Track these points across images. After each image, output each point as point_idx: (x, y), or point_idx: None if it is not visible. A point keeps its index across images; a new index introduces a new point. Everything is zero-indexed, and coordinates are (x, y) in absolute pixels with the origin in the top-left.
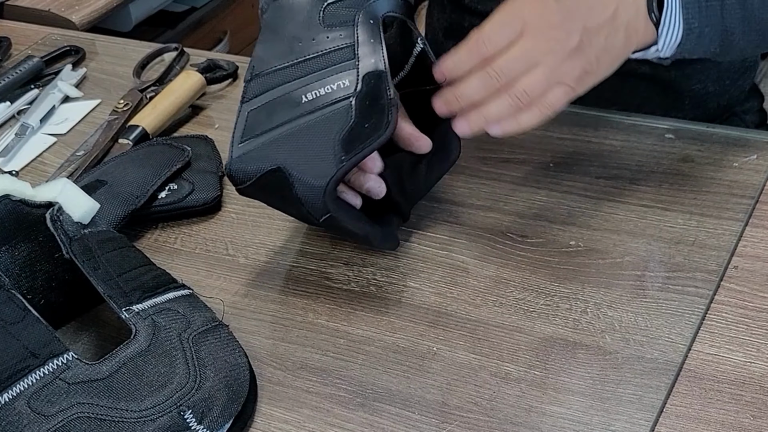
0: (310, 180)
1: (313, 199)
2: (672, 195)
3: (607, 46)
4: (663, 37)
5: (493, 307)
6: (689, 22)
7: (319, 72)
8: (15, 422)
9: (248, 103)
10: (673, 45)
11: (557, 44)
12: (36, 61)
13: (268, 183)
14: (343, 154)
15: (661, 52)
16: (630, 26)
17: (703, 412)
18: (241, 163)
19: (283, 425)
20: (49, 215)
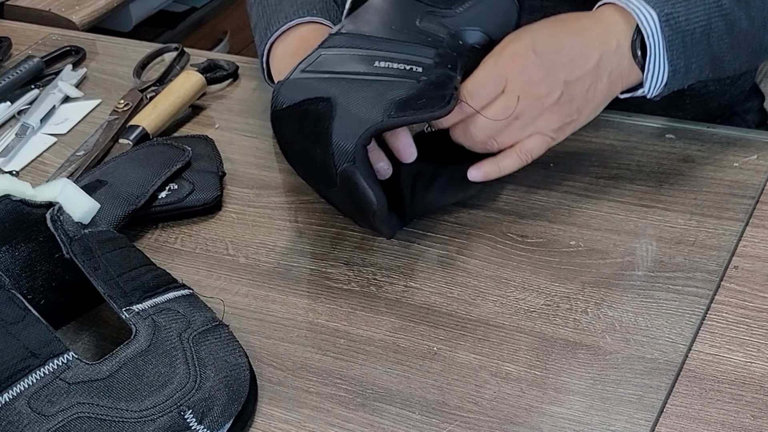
0: (353, 118)
1: (348, 137)
2: (672, 195)
3: (588, 96)
4: (648, 80)
5: (494, 307)
6: (674, 62)
7: (401, 53)
8: (15, 422)
9: (326, 49)
10: (660, 85)
11: (537, 100)
12: (36, 61)
13: (309, 111)
14: (393, 112)
15: (649, 93)
16: (614, 73)
17: (704, 412)
18: (291, 87)
19: (284, 425)
20: (50, 215)
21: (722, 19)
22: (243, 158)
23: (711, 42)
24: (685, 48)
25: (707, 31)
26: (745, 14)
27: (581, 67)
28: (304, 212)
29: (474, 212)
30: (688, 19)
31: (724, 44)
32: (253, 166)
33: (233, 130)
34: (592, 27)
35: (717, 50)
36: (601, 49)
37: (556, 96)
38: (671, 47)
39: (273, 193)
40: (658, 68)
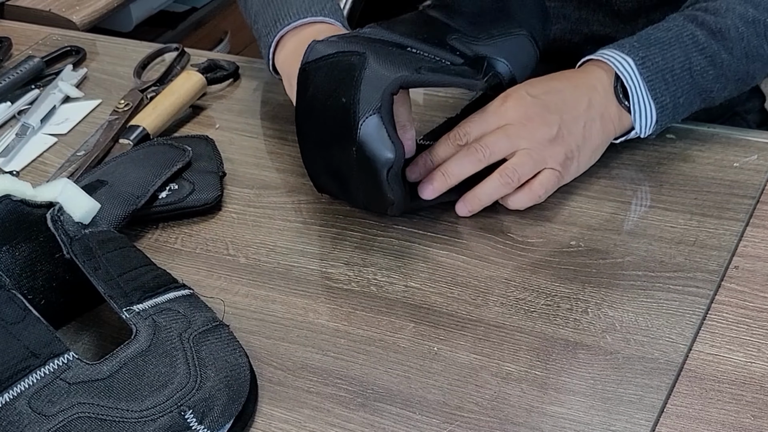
0: (383, 72)
1: (376, 87)
2: (673, 195)
3: (585, 135)
4: (638, 121)
5: (494, 307)
6: (659, 99)
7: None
8: (15, 422)
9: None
10: (651, 124)
11: (538, 132)
12: (36, 61)
13: (341, 61)
14: (425, 72)
15: (642, 133)
16: (605, 116)
17: (704, 412)
18: (326, 44)
19: (284, 425)
20: (50, 215)
21: (700, 54)
22: (243, 158)
23: (694, 76)
24: (668, 85)
25: (687, 67)
26: (723, 47)
27: (574, 107)
28: (304, 212)
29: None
30: (664, 59)
31: (709, 77)
32: (253, 166)
33: (233, 130)
34: (577, 77)
35: (703, 83)
36: (589, 94)
37: (554, 130)
38: (653, 87)
39: (273, 193)
40: (645, 108)
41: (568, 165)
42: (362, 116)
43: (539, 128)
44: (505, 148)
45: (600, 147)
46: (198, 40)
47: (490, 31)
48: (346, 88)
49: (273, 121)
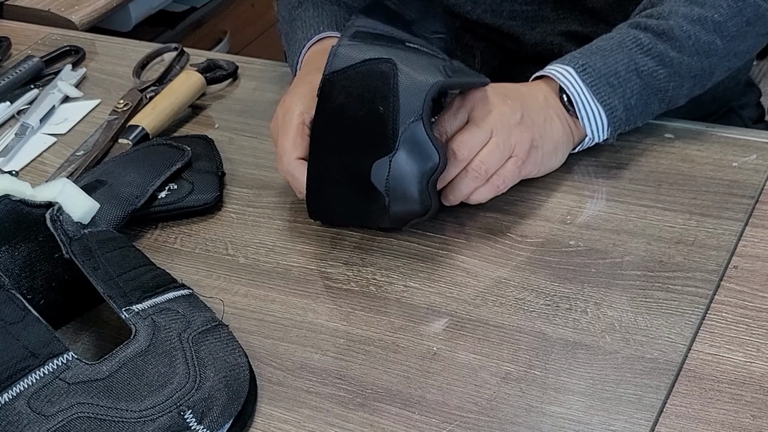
0: (416, 77)
1: (415, 94)
2: (672, 195)
3: (546, 128)
4: (588, 127)
5: (493, 307)
6: (607, 103)
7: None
8: (15, 422)
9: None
10: (603, 128)
11: (503, 117)
12: (36, 61)
13: (373, 70)
14: (450, 74)
15: (596, 138)
16: (561, 117)
17: (703, 412)
18: (349, 49)
19: (283, 425)
20: (49, 215)
21: (646, 56)
22: (243, 158)
23: (643, 77)
24: (614, 88)
25: (633, 68)
26: (670, 47)
27: (532, 100)
28: (304, 212)
29: (474, 212)
30: (606, 64)
31: (660, 76)
32: (253, 166)
33: (233, 130)
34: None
35: (655, 83)
36: (543, 94)
37: (518, 116)
38: (597, 90)
39: (273, 193)
40: (592, 113)
41: (533, 153)
42: (402, 124)
43: (504, 111)
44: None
45: (561, 146)
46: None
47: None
48: (383, 97)
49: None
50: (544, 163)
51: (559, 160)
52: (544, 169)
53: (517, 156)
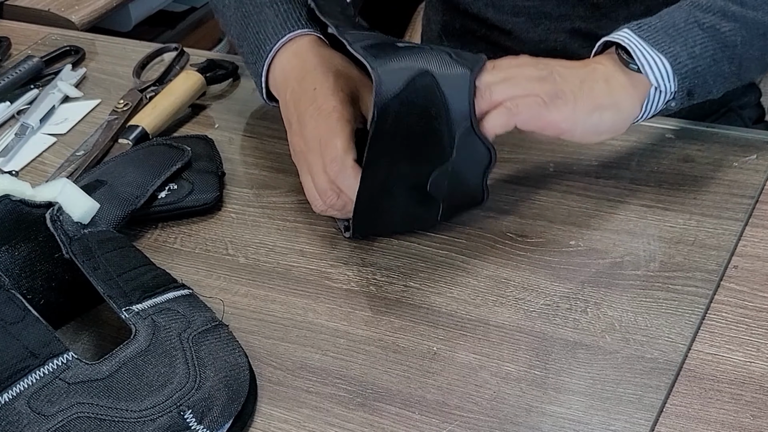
0: (452, 79)
1: (460, 99)
2: (672, 195)
3: (584, 89)
4: (651, 74)
5: (493, 307)
6: (668, 51)
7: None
8: (15, 422)
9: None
10: (669, 76)
11: (526, 70)
12: (36, 61)
13: (418, 88)
14: (469, 65)
15: (661, 87)
16: (612, 81)
17: (703, 412)
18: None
19: (283, 425)
20: (49, 215)
21: (705, 11)
22: (243, 158)
23: (705, 29)
24: (673, 38)
25: (693, 21)
26: (730, 1)
27: (569, 67)
28: (304, 212)
29: (474, 212)
30: (662, 20)
31: (724, 29)
32: (253, 166)
33: (233, 130)
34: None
35: (720, 37)
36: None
37: (545, 72)
38: (656, 42)
39: (273, 193)
40: (654, 61)
41: (559, 104)
42: (457, 131)
43: (528, 68)
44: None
45: (607, 108)
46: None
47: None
48: (436, 112)
49: (273, 121)
50: (579, 121)
51: (608, 121)
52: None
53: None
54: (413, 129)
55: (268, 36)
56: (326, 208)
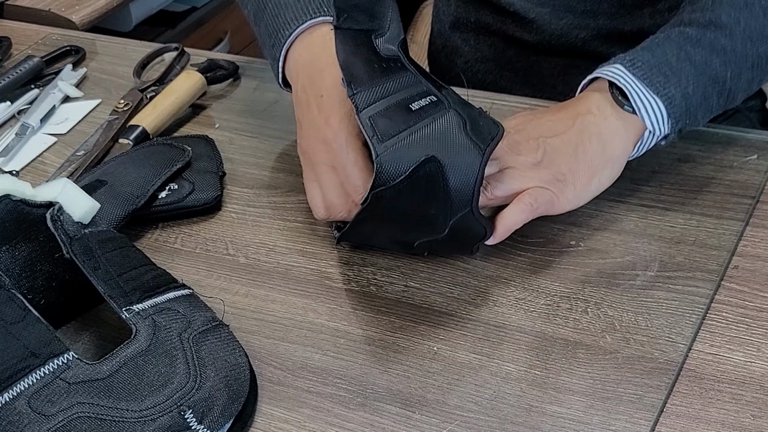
0: (461, 167)
1: (465, 186)
2: (672, 195)
3: (579, 158)
4: (647, 119)
5: (494, 307)
6: (663, 92)
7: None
8: (15, 422)
9: (365, 111)
10: (663, 119)
11: (521, 157)
12: (36, 60)
13: (422, 175)
14: (480, 143)
15: (656, 130)
16: (603, 134)
17: (704, 412)
18: (392, 157)
19: (284, 425)
20: (50, 215)
21: (696, 46)
22: (243, 158)
23: (697, 66)
24: (668, 77)
25: (685, 57)
26: (720, 35)
27: (562, 131)
28: (304, 212)
29: None
30: (655, 56)
31: (714, 65)
32: (253, 166)
33: (233, 130)
34: (569, 105)
35: (710, 72)
36: (581, 117)
37: (539, 154)
38: (651, 82)
39: (273, 193)
40: (649, 104)
41: (561, 188)
42: (453, 217)
43: (522, 153)
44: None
45: (603, 168)
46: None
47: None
48: (436, 200)
49: (273, 121)
50: (581, 195)
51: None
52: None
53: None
54: (406, 211)
55: (287, 21)
56: (329, 216)
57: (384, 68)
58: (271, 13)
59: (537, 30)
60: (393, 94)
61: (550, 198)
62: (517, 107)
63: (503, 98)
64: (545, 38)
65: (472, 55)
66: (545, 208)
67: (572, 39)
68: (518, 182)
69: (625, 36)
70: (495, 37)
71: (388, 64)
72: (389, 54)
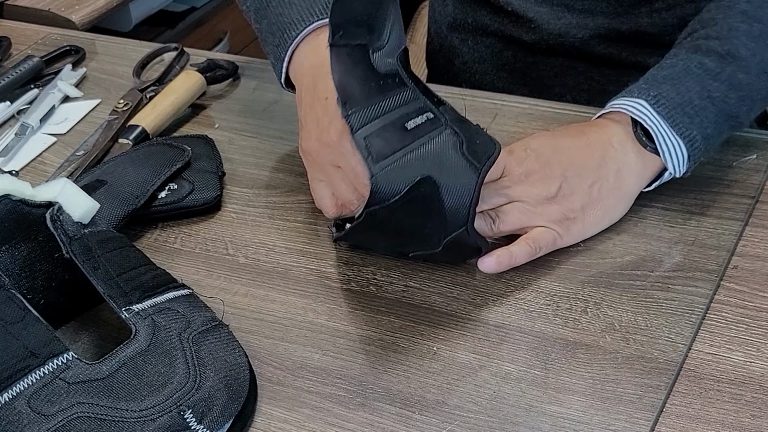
0: (457, 187)
1: (460, 207)
2: (672, 195)
3: (593, 195)
4: (669, 161)
5: (494, 307)
6: (686, 135)
7: (404, 107)
8: (15, 422)
9: (360, 131)
10: (683, 161)
11: (534, 188)
12: (36, 60)
13: (417, 195)
14: (477, 163)
15: (676, 173)
16: (622, 170)
17: (703, 412)
18: (387, 178)
19: (283, 425)
20: (49, 215)
21: (716, 80)
22: (243, 158)
23: (716, 104)
24: (691, 118)
25: (707, 96)
26: (737, 68)
27: (581, 164)
28: (304, 212)
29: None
30: (679, 93)
31: (731, 101)
32: (253, 166)
33: (233, 130)
34: (590, 131)
35: (728, 109)
36: (602, 150)
37: (555, 188)
38: (675, 123)
39: (273, 193)
40: (673, 146)
41: (568, 225)
42: (449, 235)
43: (536, 184)
44: (501, 201)
45: (617, 206)
46: (197, 39)
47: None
48: (431, 219)
49: (273, 121)
50: (588, 231)
51: (616, 216)
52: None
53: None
54: (401, 228)
55: (294, 21)
56: (341, 213)
57: (381, 85)
58: (276, 11)
59: (535, 30)
60: (388, 113)
61: (553, 239)
62: (517, 107)
63: (503, 98)
64: (543, 38)
65: (470, 56)
66: (548, 249)
67: (570, 39)
68: (526, 218)
69: (623, 36)
70: (493, 37)
71: (385, 81)
72: (387, 69)
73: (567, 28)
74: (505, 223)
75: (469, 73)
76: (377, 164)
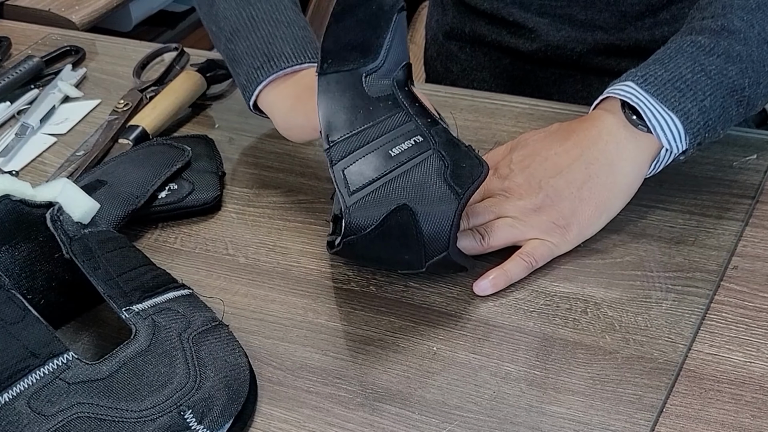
0: (436, 214)
1: (440, 233)
2: (672, 195)
3: (583, 196)
4: (663, 136)
5: (493, 307)
6: (678, 108)
7: (392, 132)
8: (15, 422)
9: (339, 163)
10: (681, 136)
11: (520, 201)
12: (36, 61)
13: (393, 224)
14: (459, 188)
15: (674, 149)
16: (615, 162)
17: (703, 412)
18: (361, 209)
19: (283, 425)
20: (49, 215)
21: (710, 55)
22: (243, 158)
23: (713, 77)
24: (683, 92)
25: (699, 70)
26: (734, 41)
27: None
28: (304, 212)
29: None
30: (667, 70)
31: (731, 73)
32: (253, 166)
33: (233, 130)
34: (579, 129)
35: (728, 82)
36: (591, 148)
37: (539, 199)
38: (665, 98)
39: (273, 193)
40: (665, 121)
41: (562, 233)
42: (429, 261)
43: (522, 197)
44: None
45: (612, 200)
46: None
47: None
48: (409, 247)
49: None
50: (586, 231)
51: (617, 207)
52: (593, 231)
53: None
54: (380, 256)
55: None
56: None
57: (370, 111)
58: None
59: (534, 40)
60: (374, 141)
61: (549, 250)
62: (517, 107)
63: (503, 98)
64: (541, 48)
65: (468, 63)
66: (545, 260)
67: (568, 52)
68: (517, 231)
69: (622, 51)
70: (490, 47)
71: (376, 105)
72: (380, 92)
73: (565, 41)
74: (495, 238)
75: (468, 80)
76: (351, 196)
